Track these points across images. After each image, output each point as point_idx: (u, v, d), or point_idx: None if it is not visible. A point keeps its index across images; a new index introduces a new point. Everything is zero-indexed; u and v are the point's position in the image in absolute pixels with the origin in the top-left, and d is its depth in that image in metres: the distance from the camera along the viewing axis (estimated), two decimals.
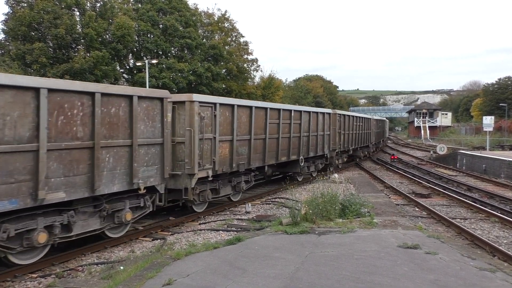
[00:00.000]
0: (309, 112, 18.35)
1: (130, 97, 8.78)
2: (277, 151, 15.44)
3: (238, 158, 12.87)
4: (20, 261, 7.23)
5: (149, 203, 9.65)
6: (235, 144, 12.56)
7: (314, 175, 19.46)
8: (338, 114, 22.46)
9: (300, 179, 18.70)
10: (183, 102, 10.81)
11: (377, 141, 37.77)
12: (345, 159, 24.93)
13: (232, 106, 12.53)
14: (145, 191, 9.23)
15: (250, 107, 13.53)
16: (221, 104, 11.98)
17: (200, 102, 11.01)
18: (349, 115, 25.23)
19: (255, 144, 13.77)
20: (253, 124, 13.49)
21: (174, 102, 10.72)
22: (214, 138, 11.62)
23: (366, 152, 32.03)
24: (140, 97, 9.04)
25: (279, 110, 15.46)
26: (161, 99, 9.68)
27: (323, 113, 20.04)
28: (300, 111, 17.49)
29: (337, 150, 21.95)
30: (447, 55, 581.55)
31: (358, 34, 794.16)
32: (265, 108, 14.46)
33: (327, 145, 20.46)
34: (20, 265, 7.22)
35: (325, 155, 20.57)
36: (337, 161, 23.02)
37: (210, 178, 11.54)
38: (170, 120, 10.18)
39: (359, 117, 28.27)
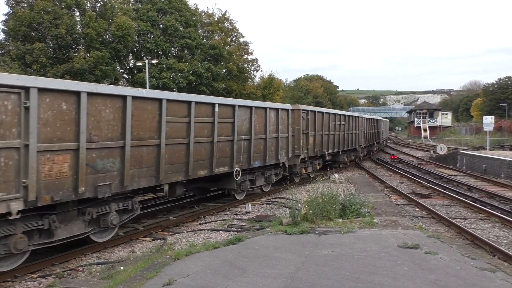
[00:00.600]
0: (250, 107, 13.37)
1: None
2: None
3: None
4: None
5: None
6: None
7: (265, 190, 15.34)
8: (304, 110, 17.74)
9: (239, 197, 13.91)
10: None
11: (369, 143, 33.01)
12: (318, 167, 20.30)
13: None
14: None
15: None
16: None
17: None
18: (322, 112, 20.11)
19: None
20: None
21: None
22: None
23: (353, 157, 27.61)
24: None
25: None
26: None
27: (276, 109, 15.04)
28: (234, 106, 12.52)
29: (302, 156, 17.25)
30: (447, 55, 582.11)
31: (358, 34, 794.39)
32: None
33: (284, 150, 15.70)
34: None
35: (280, 164, 15.65)
36: (304, 170, 18.30)
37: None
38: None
39: (339, 114, 23.41)
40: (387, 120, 59.28)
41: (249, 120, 13.26)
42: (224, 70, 41.38)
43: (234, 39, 44.48)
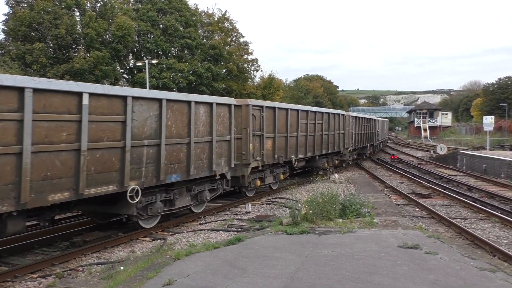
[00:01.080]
0: (158, 100, 10.04)
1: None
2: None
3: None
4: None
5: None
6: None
7: (196, 212, 12.38)
8: (256, 106, 14.32)
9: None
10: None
11: (360, 146, 27.69)
12: (282, 176, 16.67)
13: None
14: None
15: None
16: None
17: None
18: (285, 108, 16.45)
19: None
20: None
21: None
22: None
23: (338, 161, 23.54)
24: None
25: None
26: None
27: (209, 104, 11.77)
28: (125, 97, 9.27)
29: (254, 165, 14.12)
30: (447, 55, 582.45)
31: (358, 34, 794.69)
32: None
33: (224, 158, 12.65)
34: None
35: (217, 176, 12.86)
36: (259, 181, 14.80)
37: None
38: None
39: (314, 112, 19.65)
40: (386, 119, 53.86)
41: (158, 118, 9.51)
42: (224, 70, 41.40)
43: (234, 39, 44.51)
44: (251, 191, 14.69)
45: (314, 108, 20.22)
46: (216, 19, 43.59)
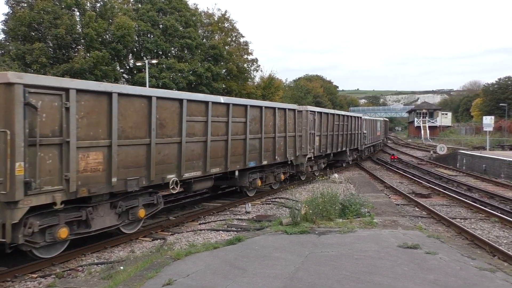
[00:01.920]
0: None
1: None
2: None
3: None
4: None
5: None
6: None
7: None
8: (311, 111, 18.64)
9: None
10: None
11: (334, 151, 22.25)
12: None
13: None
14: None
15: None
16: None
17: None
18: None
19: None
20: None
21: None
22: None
23: (283, 174, 17.43)
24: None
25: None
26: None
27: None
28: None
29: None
30: (447, 55, 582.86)
31: (358, 34, 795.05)
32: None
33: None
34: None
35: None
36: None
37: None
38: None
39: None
40: (381, 119, 46.12)
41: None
42: (224, 70, 41.37)
43: (234, 39, 44.48)
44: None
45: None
46: (216, 19, 43.56)
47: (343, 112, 25.16)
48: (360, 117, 28.29)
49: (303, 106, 18.75)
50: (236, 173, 13.05)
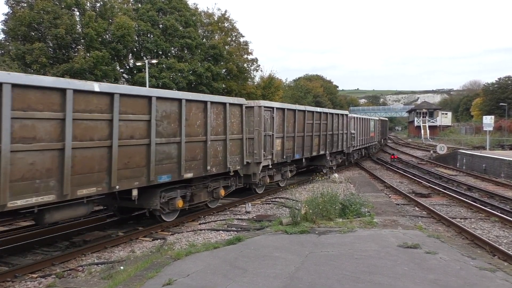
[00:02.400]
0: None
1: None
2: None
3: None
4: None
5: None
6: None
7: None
8: (267, 107, 14.77)
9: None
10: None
11: (301, 156, 17.91)
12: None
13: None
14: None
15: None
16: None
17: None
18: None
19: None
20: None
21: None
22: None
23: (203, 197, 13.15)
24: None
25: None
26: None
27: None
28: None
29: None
30: (446, 55, 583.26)
31: (357, 34, 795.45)
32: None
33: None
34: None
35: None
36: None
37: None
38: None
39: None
40: (376, 118, 38.60)
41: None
42: (224, 70, 41.38)
43: (234, 39, 44.50)
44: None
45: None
46: (216, 19, 43.58)
47: (319, 109, 20.23)
48: (346, 115, 24.07)
49: (256, 101, 14.85)
50: (134, 192, 9.24)
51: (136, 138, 9.01)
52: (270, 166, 14.93)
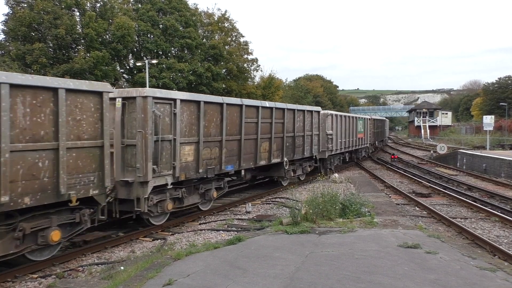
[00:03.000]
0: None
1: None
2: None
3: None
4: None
5: None
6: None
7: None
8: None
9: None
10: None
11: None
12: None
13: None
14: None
15: None
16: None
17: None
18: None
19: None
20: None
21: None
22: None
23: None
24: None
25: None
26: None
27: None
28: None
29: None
30: (446, 54, 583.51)
31: (357, 34, 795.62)
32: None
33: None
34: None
35: None
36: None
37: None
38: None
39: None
40: (366, 117, 32.73)
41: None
42: (224, 70, 41.37)
43: (234, 39, 44.49)
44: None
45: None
46: (216, 19, 43.57)
47: (269, 104, 15.24)
48: (318, 112, 19.58)
49: (140, 89, 9.96)
50: None
51: None
52: (170, 186, 10.25)
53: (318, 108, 20.14)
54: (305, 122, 17.86)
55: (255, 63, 45.72)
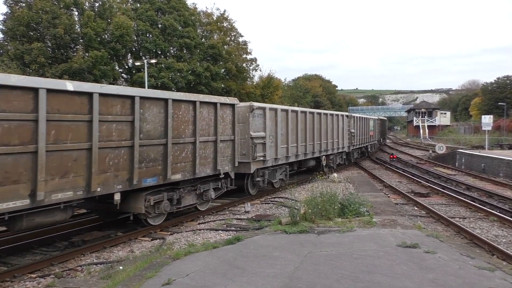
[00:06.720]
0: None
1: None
2: None
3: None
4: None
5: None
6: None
7: None
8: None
9: None
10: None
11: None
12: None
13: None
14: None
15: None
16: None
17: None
18: None
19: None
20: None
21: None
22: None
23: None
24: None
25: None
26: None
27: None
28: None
29: None
30: (443, 54, 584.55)
31: (354, 34, 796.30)
32: None
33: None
34: None
35: None
36: None
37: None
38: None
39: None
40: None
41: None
42: (223, 70, 41.35)
43: (233, 38, 44.49)
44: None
45: None
46: (214, 18, 43.56)
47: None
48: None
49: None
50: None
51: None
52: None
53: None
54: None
55: (254, 62, 45.74)
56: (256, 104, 14.25)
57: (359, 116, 29.13)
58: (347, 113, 25.75)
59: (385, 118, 56.68)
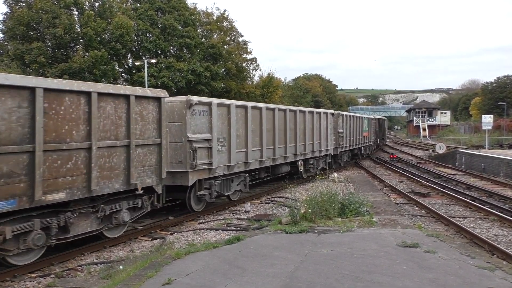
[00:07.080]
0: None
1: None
2: None
3: None
4: None
5: None
6: None
7: None
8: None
9: None
10: None
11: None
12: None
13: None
14: None
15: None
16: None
17: None
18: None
19: None
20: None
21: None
22: None
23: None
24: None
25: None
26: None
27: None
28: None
29: None
30: (444, 54, 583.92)
31: (354, 34, 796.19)
32: None
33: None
34: None
35: None
36: None
37: None
38: None
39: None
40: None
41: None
42: (223, 70, 41.33)
43: (233, 38, 44.44)
44: None
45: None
46: (214, 18, 43.53)
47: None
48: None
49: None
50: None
51: None
52: None
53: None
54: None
55: (254, 62, 45.68)
56: (196, 98, 11.26)
57: (349, 114, 26.31)
58: (332, 111, 22.79)
59: (385, 118, 56.58)
